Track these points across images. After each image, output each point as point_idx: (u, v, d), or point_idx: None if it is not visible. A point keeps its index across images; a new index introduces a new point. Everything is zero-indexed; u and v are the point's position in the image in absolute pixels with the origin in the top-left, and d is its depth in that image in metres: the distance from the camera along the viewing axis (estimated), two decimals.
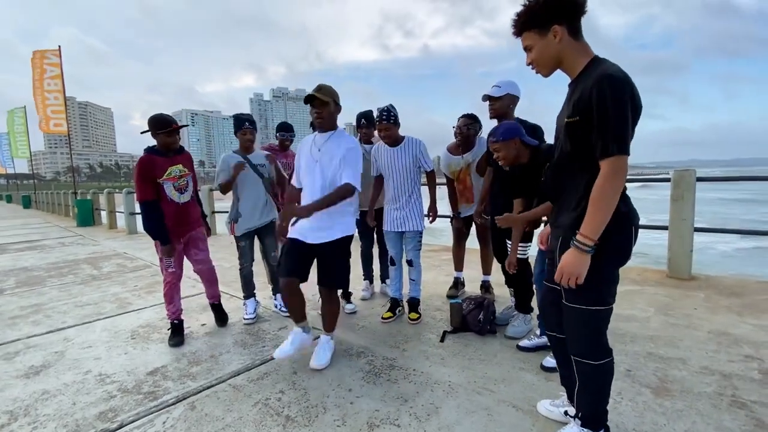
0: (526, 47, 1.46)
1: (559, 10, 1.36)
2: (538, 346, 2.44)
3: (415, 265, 3.09)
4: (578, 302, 1.44)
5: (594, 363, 1.47)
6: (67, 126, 13.25)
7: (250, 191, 3.15)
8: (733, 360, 2.27)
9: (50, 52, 12.87)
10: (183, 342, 2.82)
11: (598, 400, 1.53)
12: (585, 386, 1.52)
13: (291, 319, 2.50)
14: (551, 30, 1.38)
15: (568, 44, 1.39)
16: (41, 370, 2.49)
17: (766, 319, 2.83)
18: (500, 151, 2.27)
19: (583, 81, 1.35)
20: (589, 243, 1.32)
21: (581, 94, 1.32)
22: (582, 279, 1.35)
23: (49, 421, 1.94)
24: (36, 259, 6.58)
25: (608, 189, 1.28)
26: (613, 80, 1.26)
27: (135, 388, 2.23)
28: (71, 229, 11.40)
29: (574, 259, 1.34)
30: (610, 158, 1.27)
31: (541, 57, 1.43)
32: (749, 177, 5.87)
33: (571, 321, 1.49)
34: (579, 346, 1.49)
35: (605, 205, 1.29)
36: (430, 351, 2.54)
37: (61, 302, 3.96)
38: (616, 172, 1.27)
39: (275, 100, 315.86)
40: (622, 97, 1.25)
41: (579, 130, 1.34)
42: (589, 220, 1.31)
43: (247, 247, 3.22)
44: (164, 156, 2.74)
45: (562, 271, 1.38)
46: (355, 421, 1.84)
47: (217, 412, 1.95)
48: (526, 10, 1.42)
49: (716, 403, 1.87)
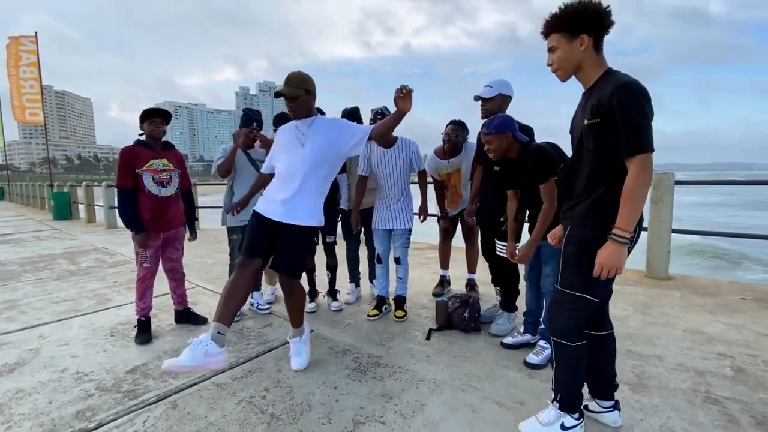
0: (551, 48, 1.57)
1: (590, 21, 1.48)
2: (522, 344, 2.48)
3: (403, 263, 3.10)
4: (573, 288, 1.57)
5: (570, 344, 1.61)
6: (43, 116, 12.80)
7: (246, 186, 3.10)
8: (707, 357, 2.35)
9: (26, 38, 12.41)
10: (150, 340, 2.75)
11: (573, 382, 1.67)
12: (561, 366, 1.66)
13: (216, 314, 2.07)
14: (579, 37, 1.50)
15: (589, 55, 1.51)
16: (15, 368, 2.41)
17: (737, 318, 2.95)
18: (492, 143, 2.30)
19: (598, 89, 1.48)
20: (626, 235, 1.42)
21: (599, 100, 1.44)
22: (622, 270, 1.46)
23: (24, 420, 1.88)
24: (9, 253, 6.35)
25: (640, 184, 1.40)
26: (634, 87, 1.40)
27: (114, 386, 2.18)
28: (47, 222, 11.03)
29: (612, 252, 1.44)
30: (640, 156, 1.38)
31: (564, 60, 1.55)
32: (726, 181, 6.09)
33: (558, 303, 1.62)
34: (560, 328, 1.63)
35: (638, 199, 1.41)
36: (415, 349, 2.56)
37: (37, 298, 3.83)
38: (645, 168, 1.39)
39: (261, 94, 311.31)
40: (643, 101, 1.39)
41: (600, 130, 1.46)
42: (623, 213, 1.42)
43: (238, 242, 3.17)
44: (150, 148, 2.75)
45: (601, 264, 1.46)
46: (341, 418, 1.84)
47: (199, 411, 1.92)
48: (561, 14, 1.52)
49: (691, 399, 1.94)
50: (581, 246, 1.54)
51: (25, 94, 12.44)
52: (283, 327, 2.97)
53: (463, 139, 3.33)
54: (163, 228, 2.83)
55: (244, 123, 3.12)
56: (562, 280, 1.61)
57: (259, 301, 3.31)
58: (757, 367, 2.22)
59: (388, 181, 3.03)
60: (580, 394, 1.68)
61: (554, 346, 1.66)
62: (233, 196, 3.14)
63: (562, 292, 1.60)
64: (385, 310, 3.16)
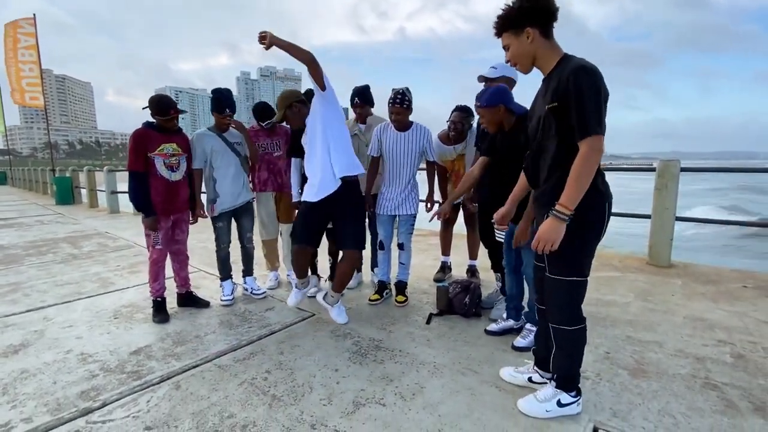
0: (504, 46, 1.66)
1: (532, 14, 1.55)
2: (505, 330, 2.48)
3: (406, 248, 3.08)
4: (561, 274, 1.61)
5: (569, 329, 1.65)
6: (43, 99, 12.71)
7: (226, 170, 3.06)
8: (707, 344, 2.36)
9: (24, 20, 12.23)
10: (168, 319, 2.81)
11: (572, 363, 1.71)
12: (561, 350, 1.69)
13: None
14: (525, 31, 1.57)
15: (540, 44, 1.58)
16: (20, 349, 2.44)
17: (739, 305, 2.95)
18: (484, 116, 2.29)
19: (556, 74, 1.53)
20: (567, 212, 1.47)
21: (558, 84, 1.49)
22: (557, 245, 1.51)
23: (29, 399, 1.91)
24: (13, 237, 6.38)
25: (587, 165, 1.44)
26: (586, 70, 1.44)
27: (118, 367, 2.20)
28: (50, 207, 11.07)
29: (550, 227, 1.51)
30: (590, 137, 1.43)
31: (518, 55, 1.63)
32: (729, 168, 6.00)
33: (552, 291, 1.66)
34: (558, 315, 1.66)
35: (584, 179, 1.45)
36: (416, 333, 2.57)
37: (41, 281, 3.86)
38: (594, 150, 1.43)
39: (263, 79, 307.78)
40: (595, 84, 1.43)
41: (559, 113, 1.51)
42: (567, 192, 1.47)
43: (224, 228, 3.16)
44: (160, 132, 2.75)
45: (538, 238, 1.54)
46: (341, 400, 1.86)
47: (202, 391, 1.95)
48: (504, 13, 1.61)
49: (690, 385, 1.94)
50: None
51: (24, 78, 12.32)
52: (284, 311, 2.99)
53: (469, 126, 3.29)
54: (173, 211, 2.85)
55: (216, 108, 2.98)
56: (549, 268, 1.64)
57: (252, 286, 3.31)
58: (757, 354, 2.23)
59: (396, 164, 2.96)
60: (578, 374, 1.73)
61: (552, 331, 1.68)
62: (215, 183, 3.06)
63: (553, 279, 1.64)
64: (386, 295, 3.17)
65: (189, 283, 3.13)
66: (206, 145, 3.01)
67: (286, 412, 1.77)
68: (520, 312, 2.50)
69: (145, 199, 2.71)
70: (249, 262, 3.34)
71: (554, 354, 1.71)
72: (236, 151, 3.10)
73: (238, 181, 3.12)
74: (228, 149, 3.06)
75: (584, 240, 1.57)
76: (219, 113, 2.99)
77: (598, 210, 1.56)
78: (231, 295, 3.14)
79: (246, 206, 3.24)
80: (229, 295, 3.13)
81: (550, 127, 1.56)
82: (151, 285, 2.87)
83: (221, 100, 2.99)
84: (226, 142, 3.06)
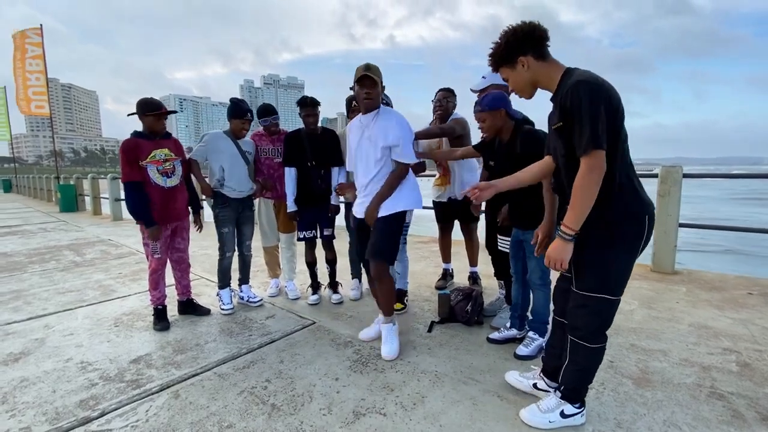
0: (504, 79, 1.67)
1: (521, 46, 1.55)
2: (508, 339, 2.45)
3: (401, 258, 3.01)
4: (589, 290, 1.55)
5: (590, 346, 1.59)
6: (49, 108, 12.85)
7: (234, 171, 3.05)
8: (712, 352, 2.32)
9: (31, 30, 12.40)
10: (169, 327, 2.81)
11: (584, 378, 1.68)
12: (575, 365, 1.64)
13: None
14: (518, 62, 1.57)
15: (537, 68, 1.56)
16: (20, 357, 2.44)
17: (744, 313, 2.91)
18: (485, 120, 2.27)
19: (560, 91, 1.50)
20: (570, 232, 1.45)
21: (561, 102, 1.46)
22: (566, 264, 1.50)
23: (28, 408, 1.90)
24: (17, 244, 6.41)
25: (585, 183, 1.40)
26: (582, 85, 1.38)
27: (117, 376, 2.19)
28: (54, 214, 11.13)
29: (557, 246, 1.50)
30: (587, 154, 1.38)
31: (517, 85, 1.63)
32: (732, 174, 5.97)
33: (578, 307, 1.59)
34: (581, 331, 1.60)
35: (584, 198, 1.41)
36: (417, 341, 2.55)
37: (43, 289, 3.87)
38: (592, 168, 1.38)
39: (266, 87, 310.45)
40: (592, 98, 1.37)
41: (564, 133, 1.47)
42: (569, 212, 1.45)
43: (229, 234, 3.13)
44: (149, 139, 2.72)
45: (548, 256, 1.53)
46: (341, 409, 1.84)
47: (201, 401, 1.93)
48: (494, 52, 1.62)
49: (695, 394, 1.91)
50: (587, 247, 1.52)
51: (30, 87, 12.47)
52: (285, 319, 2.98)
53: (453, 106, 3.25)
54: (171, 219, 2.83)
55: (238, 114, 3.02)
56: (576, 283, 1.59)
57: (248, 294, 3.29)
58: (763, 363, 2.19)
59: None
60: (586, 388, 1.70)
61: (570, 344, 1.63)
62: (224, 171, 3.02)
63: (580, 295, 1.57)
64: (407, 301, 3.11)
65: (190, 291, 3.12)
66: (217, 145, 3.02)
67: (285, 422, 1.75)
68: (524, 321, 2.47)
69: (144, 209, 2.67)
70: (246, 270, 3.33)
71: (566, 366, 1.67)
72: (246, 159, 3.13)
73: (244, 185, 3.13)
74: (239, 155, 3.08)
75: (616, 255, 1.49)
76: (239, 117, 3.04)
77: (633, 224, 1.46)
78: (231, 304, 3.12)
79: (248, 214, 3.24)
80: (229, 303, 3.11)
81: (561, 147, 1.52)
82: (151, 293, 2.86)
83: (241, 105, 3.07)
84: (239, 150, 3.09)
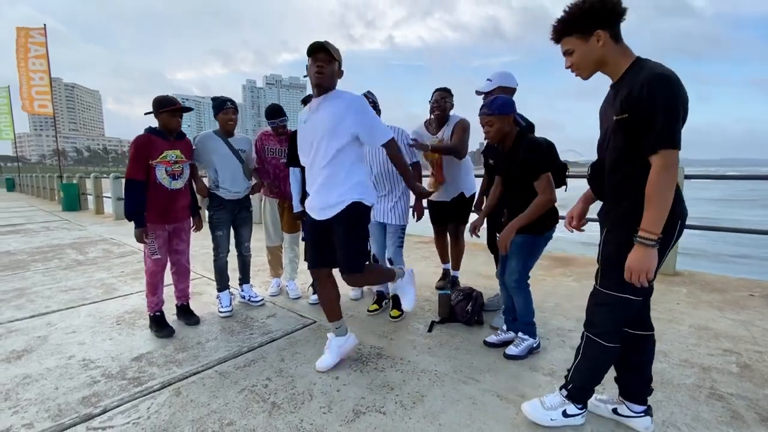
0: (566, 51, 1.50)
1: (601, 15, 1.40)
2: (505, 342, 2.44)
3: (397, 263, 2.86)
4: (613, 289, 1.51)
5: (605, 344, 1.56)
6: (52, 107, 12.91)
7: (228, 171, 3.02)
8: (713, 354, 2.32)
9: (35, 30, 12.46)
10: (173, 332, 2.70)
11: (593, 378, 1.64)
12: (588, 361, 1.62)
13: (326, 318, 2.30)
14: (594, 35, 1.42)
15: (610, 48, 1.43)
16: (23, 355, 2.45)
17: (745, 314, 2.91)
18: (493, 124, 2.17)
19: (628, 81, 1.39)
20: (652, 237, 1.35)
21: (629, 92, 1.35)
22: (652, 274, 1.38)
23: (31, 405, 1.92)
24: (20, 242, 6.45)
25: (661, 183, 1.32)
26: (663, 78, 1.30)
27: (119, 373, 2.21)
28: (57, 213, 11.18)
29: (639, 255, 1.37)
30: (663, 151, 1.31)
31: (584, 60, 1.47)
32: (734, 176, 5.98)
33: (599, 304, 1.57)
34: (599, 328, 1.57)
35: (661, 199, 1.33)
36: (417, 341, 2.56)
37: (45, 287, 3.89)
38: (667, 167, 1.31)
39: (268, 87, 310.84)
40: (672, 94, 1.29)
41: (630, 126, 1.37)
42: (648, 214, 1.35)
43: (224, 237, 3.12)
44: (164, 138, 2.66)
45: (630, 269, 1.39)
46: (341, 408, 1.85)
47: (202, 398, 1.94)
48: (568, 16, 1.45)
49: (695, 395, 1.92)
50: (620, 246, 1.46)
51: (34, 86, 12.51)
52: (286, 318, 2.99)
53: (451, 106, 3.21)
54: (170, 220, 2.75)
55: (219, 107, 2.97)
56: (601, 281, 1.56)
57: (250, 293, 3.30)
58: (763, 364, 2.19)
59: (378, 168, 2.83)
60: (592, 390, 1.68)
61: (586, 340, 1.61)
62: (217, 174, 3.01)
63: (603, 293, 1.54)
64: (386, 305, 3.12)
65: (187, 296, 3.02)
66: (208, 146, 2.99)
67: (285, 420, 1.77)
68: None
69: (138, 209, 2.59)
70: (246, 270, 3.33)
71: (578, 364, 1.65)
72: (240, 158, 3.09)
73: (240, 186, 3.11)
74: (231, 154, 3.04)
75: None
76: (221, 109, 2.98)
77: (670, 227, 1.40)
78: (229, 306, 3.09)
79: (246, 216, 3.22)
80: (227, 306, 3.08)
81: (620, 140, 1.43)
82: (148, 299, 2.76)
83: (219, 98, 3.01)
84: (230, 148, 3.04)
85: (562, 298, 3.31)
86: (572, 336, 2.57)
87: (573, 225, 1.81)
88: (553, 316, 2.90)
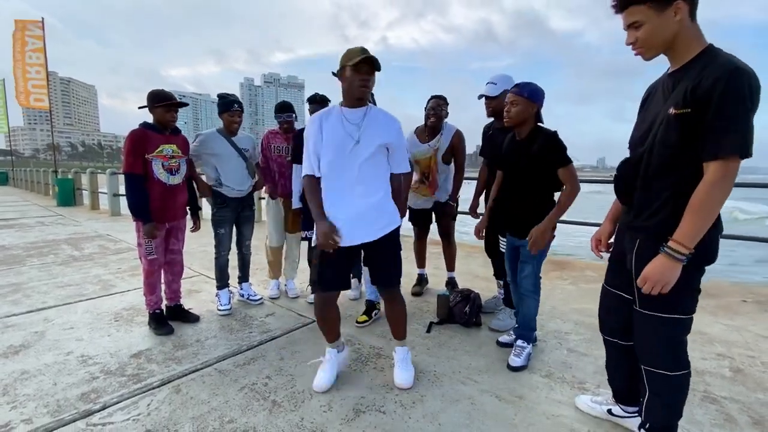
0: (632, 23, 1.26)
1: None
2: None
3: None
4: (658, 310, 1.34)
5: (669, 374, 1.38)
6: (48, 102, 12.81)
7: (232, 170, 3.02)
8: (706, 358, 2.36)
9: (32, 23, 12.36)
10: (173, 331, 2.68)
11: (672, 414, 1.45)
12: (658, 397, 1.43)
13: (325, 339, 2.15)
14: (673, 6, 1.19)
15: (687, 26, 1.22)
16: (20, 350, 2.44)
17: (738, 319, 2.95)
18: (517, 105, 2.13)
19: (696, 71, 1.20)
20: (684, 251, 1.20)
21: (698, 85, 1.16)
22: (668, 289, 1.25)
23: (29, 401, 1.91)
24: (14, 237, 6.39)
25: (714, 194, 1.15)
26: (742, 75, 1.13)
27: (118, 370, 2.21)
28: (51, 208, 11.08)
29: (663, 267, 1.23)
30: (724, 159, 1.14)
31: (653, 35, 1.24)
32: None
33: (646, 330, 1.39)
34: (654, 357, 1.39)
35: (709, 212, 1.17)
36: (416, 341, 2.57)
37: (42, 282, 3.87)
38: (727, 176, 1.15)
39: (266, 86, 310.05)
40: (750, 94, 1.13)
41: (691, 123, 1.19)
42: (687, 226, 1.19)
43: (226, 235, 3.12)
44: (159, 133, 2.64)
45: (646, 277, 1.26)
46: (341, 407, 1.86)
47: (202, 396, 1.95)
48: None
49: (689, 398, 1.92)
50: None
51: (30, 80, 12.40)
52: (285, 316, 3.00)
53: (446, 114, 3.18)
54: (169, 218, 2.72)
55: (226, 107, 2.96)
56: (641, 302, 1.37)
57: (249, 292, 3.30)
58: (756, 368, 2.23)
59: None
60: (676, 425, 1.47)
61: (645, 374, 1.44)
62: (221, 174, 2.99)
63: (645, 316, 1.36)
64: (375, 315, 2.93)
65: (179, 296, 2.97)
66: (211, 146, 2.97)
67: (286, 418, 1.78)
68: None
69: (143, 204, 2.56)
70: (245, 268, 3.33)
71: (648, 400, 1.46)
72: (244, 157, 3.08)
73: (243, 184, 3.11)
74: (235, 154, 3.03)
75: (688, 273, 1.26)
76: (227, 111, 2.98)
77: (712, 243, 1.27)
78: (228, 305, 3.09)
79: (248, 214, 3.23)
80: (226, 304, 3.08)
81: (673, 137, 1.23)
82: (147, 298, 2.74)
83: (228, 99, 3.00)
84: (234, 147, 3.03)
85: (559, 301, 3.34)
86: (569, 338, 2.60)
87: (602, 248, 1.63)
88: (550, 319, 2.93)
